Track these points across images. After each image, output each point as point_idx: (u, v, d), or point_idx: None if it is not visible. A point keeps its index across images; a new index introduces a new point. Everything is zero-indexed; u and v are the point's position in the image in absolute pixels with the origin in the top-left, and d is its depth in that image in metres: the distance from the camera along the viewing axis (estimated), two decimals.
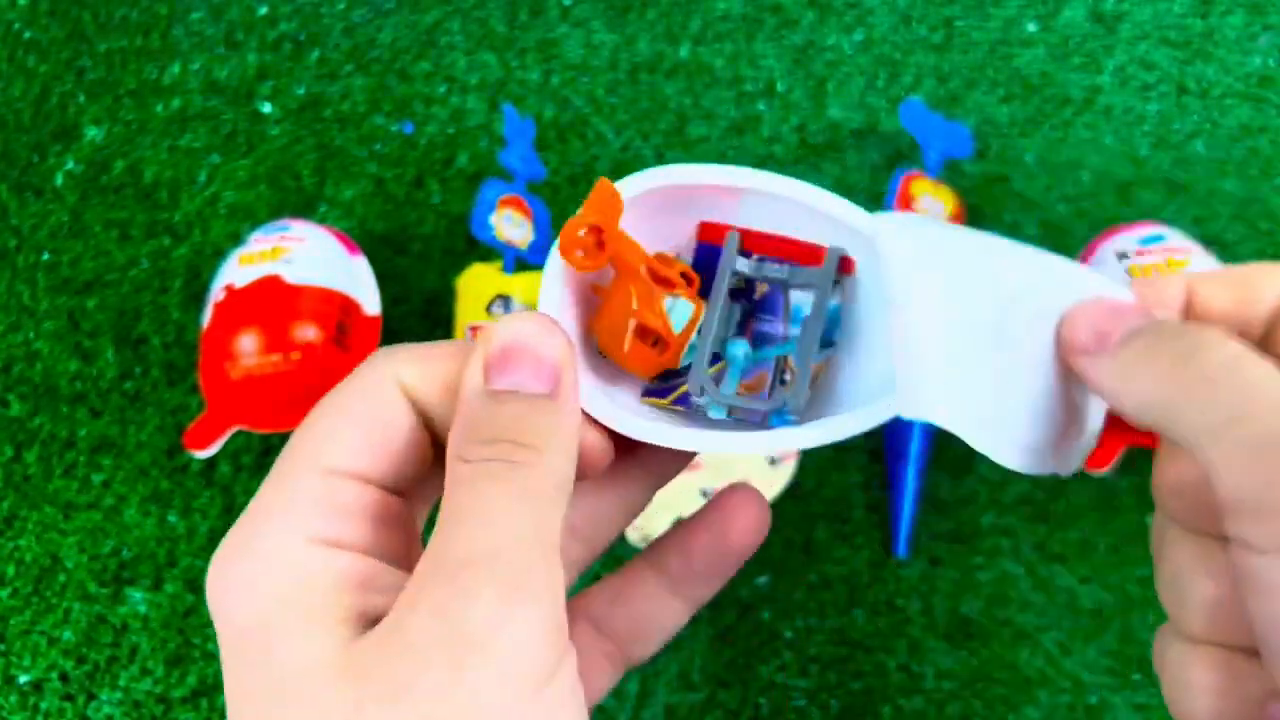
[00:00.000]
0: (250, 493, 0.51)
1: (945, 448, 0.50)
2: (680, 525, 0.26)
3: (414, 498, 0.23)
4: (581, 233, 0.24)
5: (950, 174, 0.56)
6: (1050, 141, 0.56)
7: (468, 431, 0.20)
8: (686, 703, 0.47)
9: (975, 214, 0.55)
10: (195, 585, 0.50)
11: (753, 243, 0.27)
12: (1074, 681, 0.46)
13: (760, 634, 0.48)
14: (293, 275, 0.49)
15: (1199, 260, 0.47)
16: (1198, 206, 0.54)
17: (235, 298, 0.49)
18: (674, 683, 0.47)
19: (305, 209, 0.58)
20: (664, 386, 0.28)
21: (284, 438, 0.51)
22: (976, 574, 0.48)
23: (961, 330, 0.23)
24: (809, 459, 0.50)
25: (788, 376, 0.26)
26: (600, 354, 0.27)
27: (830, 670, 0.46)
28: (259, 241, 0.51)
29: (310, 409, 0.22)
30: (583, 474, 0.22)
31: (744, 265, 0.26)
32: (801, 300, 0.26)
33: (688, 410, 0.27)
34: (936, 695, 0.46)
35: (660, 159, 0.56)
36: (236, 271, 0.50)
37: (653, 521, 0.47)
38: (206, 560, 0.50)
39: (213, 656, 0.48)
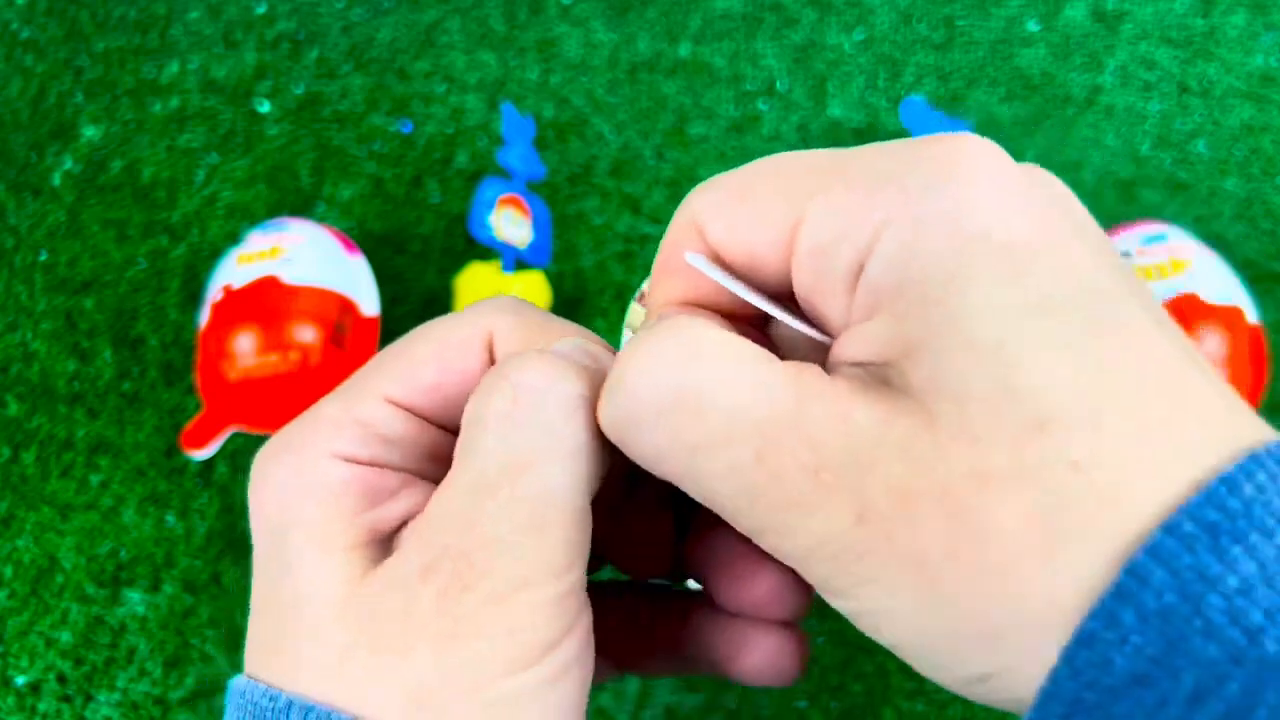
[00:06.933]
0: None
1: None
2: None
3: None
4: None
5: None
6: (1052, 140, 0.56)
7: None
8: (686, 704, 0.47)
9: None
10: (193, 586, 0.50)
11: None
12: None
13: None
14: (290, 275, 0.49)
15: (1200, 259, 0.47)
16: (1199, 205, 0.54)
17: (233, 298, 0.48)
18: (674, 684, 0.47)
19: (303, 208, 0.57)
20: None
21: None
22: None
23: None
24: None
25: None
26: None
27: (831, 672, 0.46)
28: (257, 240, 0.51)
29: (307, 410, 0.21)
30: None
31: None
32: None
33: None
34: (938, 697, 0.46)
35: (660, 158, 0.55)
36: (234, 271, 0.50)
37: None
38: (205, 561, 0.50)
39: (211, 659, 0.48)
